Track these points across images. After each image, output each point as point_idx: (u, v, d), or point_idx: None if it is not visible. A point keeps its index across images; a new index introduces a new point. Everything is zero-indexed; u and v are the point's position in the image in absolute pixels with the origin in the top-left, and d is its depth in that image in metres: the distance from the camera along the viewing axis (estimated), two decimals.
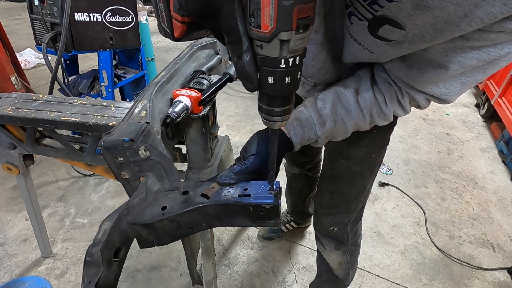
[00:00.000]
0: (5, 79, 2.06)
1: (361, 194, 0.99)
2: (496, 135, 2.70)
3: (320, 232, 1.13)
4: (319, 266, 1.30)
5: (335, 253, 1.14)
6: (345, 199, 1.00)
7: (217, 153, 1.08)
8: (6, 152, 1.23)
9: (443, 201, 2.07)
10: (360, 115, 0.68)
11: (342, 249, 1.12)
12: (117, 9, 1.80)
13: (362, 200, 1.01)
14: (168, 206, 0.52)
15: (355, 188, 0.97)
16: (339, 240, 1.10)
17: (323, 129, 0.69)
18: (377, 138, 0.89)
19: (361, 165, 0.93)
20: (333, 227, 1.06)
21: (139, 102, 0.71)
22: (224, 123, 2.86)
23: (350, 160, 0.93)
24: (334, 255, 1.15)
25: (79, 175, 2.17)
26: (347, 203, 1.01)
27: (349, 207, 1.02)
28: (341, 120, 0.69)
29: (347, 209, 1.02)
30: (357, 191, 0.98)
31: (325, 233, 1.11)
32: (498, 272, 1.64)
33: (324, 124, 0.69)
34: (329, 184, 1.02)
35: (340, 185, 0.98)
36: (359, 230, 1.14)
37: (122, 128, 0.60)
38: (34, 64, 3.83)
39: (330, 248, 1.12)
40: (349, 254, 1.15)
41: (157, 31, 2.02)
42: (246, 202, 0.51)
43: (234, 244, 1.76)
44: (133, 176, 0.59)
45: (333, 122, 0.69)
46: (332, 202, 1.02)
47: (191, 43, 1.03)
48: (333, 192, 1.01)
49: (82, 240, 1.74)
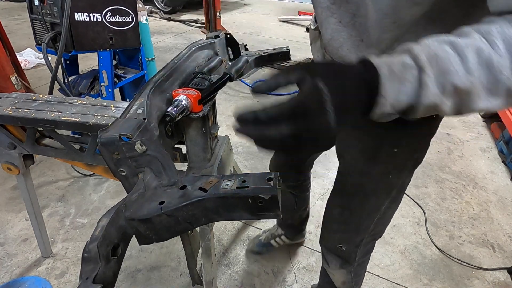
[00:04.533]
0: (5, 79, 2.06)
1: (374, 214, 0.91)
2: (496, 135, 2.70)
3: (326, 248, 1.07)
4: (322, 277, 1.24)
5: (339, 271, 1.07)
6: (356, 217, 0.92)
7: (217, 153, 1.08)
8: (6, 152, 1.23)
9: (443, 201, 2.06)
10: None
11: (347, 269, 1.05)
12: (117, 9, 1.81)
13: (375, 221, 0.92)
14: (166, 201, 0.52)
15: (367, 207, 0.90)
16: (345, 259, 1.03)
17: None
18: (396, 157, 0.80)
19: (375, 184, 0.85)
20: (341, 245, 0.99)
21: (137, 100, 0.71)
22: (224, 123, 2.86)
23: (363, 176, 0.85)
24: (338, 274, 1.09)
25: (79, 175, 2.17)
26: (358, 221, 0.93)
27: (360, 226, 0.94)
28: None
29: (358, 228, 0.94)
30: (369, 211, 0.90)
31: (331, 250, 1.04)
32: (498, 272, 1.64)
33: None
34: (340, 198, 0.96)
35: (351, 201, 0.91)
36: (370, 252, 1.07)
37: (118, 125, 0.60)
38: (34, 64, 3.84)
39: (335, 266, 1.06)
40: (353, 274, 1.08)
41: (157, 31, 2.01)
42: (244, 194, 0.51)
43: (234, 244, 1.76)
44: (131, 173, 0.60)
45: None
46: (342, 218, 0.96)
47: (190, 43, 1.03)
48: (343, 208, 0.95)
49: (82, 240, 1.74)
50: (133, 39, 1.99)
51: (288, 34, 5.35)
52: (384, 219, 0.94)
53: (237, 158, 2.41)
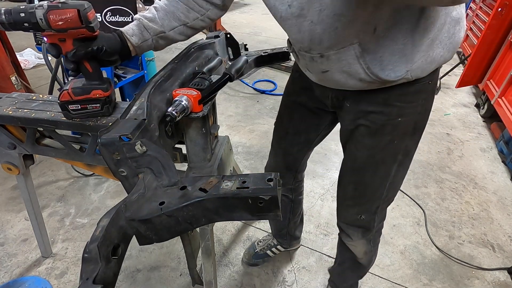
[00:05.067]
0: (5, 79, 2.07)
1: (385, 181, 0.98)
2: (496, 135, 2.70)
3: (346, 223, 1.13)
4: (342, 254, 1.29)
5: (361, 242, 1.14)
6: (370, 188, 1.00)
7: (217, 153, 1.08)
8: (6, 152, 1.23)
9: (443, 201, 2.06)
10: None
11: (367, 237, 1.12)
12: (117, 9, 1.81)
13: (387, 186, 1.00)
14: (166, 201, 0.52)
15: (378, 176, 0.97)
16: (366, 228, 1.10)
17: None
18: (400, 125, 0.88)
19: (383, 153, 0.93)
20: (361, 215, 1.06)
21: (137, 100, 0.71)
22: (224, 123, 2.86)
23: (371, 150, 0.93)
24: (360, 245, 1.15)
25: (79, 175, 2.18)
26: (372, 192, 1.01)
27: (375, 195, 1.01)
28: None
29: (373, 197, 1.02)
30: (381, 179, 0.98)
31: (351, 223, 1.11)
32: (498, 272, 1.64)
33: None
34: (352, 175, 1.02)
35: (364, 175, 0.98)
36: (384, 218, 1.14)
37: (119, 125, 0.60)
38: (34, 64, 3.84)
39: (357, 237, 1.12)
40: (372, 242, 1.16)
41: None
42: (244, 194, 0.51)
43: (234, 244, 1.76)
44: (131, 173, 0.60)
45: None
46: (357, 193, 1.03)
47: (190, 43, 1.03)
48: (357, 183, 1.02)
49: (82, 240, 1.74)
50: None
51: None
52: (394, 183, 1.01)
53: (237, 158, 2.41)
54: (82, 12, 0.82)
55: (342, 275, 1.40)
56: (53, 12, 0.80)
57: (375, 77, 0.77)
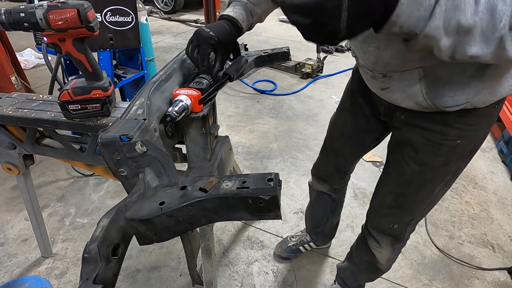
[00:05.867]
0: (5, 79, 2.07)
1: (428, 198, 0.96)
2: (496, 135, 2.70)
3: (377, 230, 1.11)
4: (360, 256, 1.28)
5: (388, 249, 1.12)
6: (410, 202, 0.98)
7: (217, 153, 1.08)
8: (6, 152, 1.23)
9: (443, 201, 2.06)
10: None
11: (395, 246, 1.11)
12: (117, 9, 1.80)
13: (428, 202, 0.97)
14: (166, 202, 0.52)
15: (422, 193, 0.94)
16: (396, 237, 1.08)
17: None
18: (458, 148, 0.84)
19: (434, 172, 0.89)
20: (394, 224, 1.04)
21: (137, 100, 0.71)
22: (224, 123, 2.86)
23: (423, 167, 0.89)
24: (386, 252, 1.13)
25: (79, 175, 2.17)
26: (411, 205, 0.98)
27: (413, 208, 0.99)
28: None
29: (411, 210, 0.99)
30: (424, 196, 0.95)
31: (383, 230, 1.09)
32: (498, 272, 1.64)
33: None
34: (394, 187, 0.99)
35: (408, 189, 0.96)
36: (415, 228, 1.12)
37: (119, 125, 0.60)
38: (34, 64, 3.84)
39: (386, 244, 1.10)
40: (397, 251, 1.15)
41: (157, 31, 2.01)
42: (244, 194, 0.51)
43: (234, 244, 1.76)
44: (131, 173, 0.60)
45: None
46: (396, 203, 1.00)
47: None
48: (398, 195, 0.99)
49: (82, 240, 1.74)
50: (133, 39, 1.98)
51: (288, 34, 5.35)
52: (435, 200, 0.98)
53: (237, 158, 2.41)
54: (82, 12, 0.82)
55: (356, 276, 1.39)
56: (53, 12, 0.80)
57: (431, 103, 0.75)
